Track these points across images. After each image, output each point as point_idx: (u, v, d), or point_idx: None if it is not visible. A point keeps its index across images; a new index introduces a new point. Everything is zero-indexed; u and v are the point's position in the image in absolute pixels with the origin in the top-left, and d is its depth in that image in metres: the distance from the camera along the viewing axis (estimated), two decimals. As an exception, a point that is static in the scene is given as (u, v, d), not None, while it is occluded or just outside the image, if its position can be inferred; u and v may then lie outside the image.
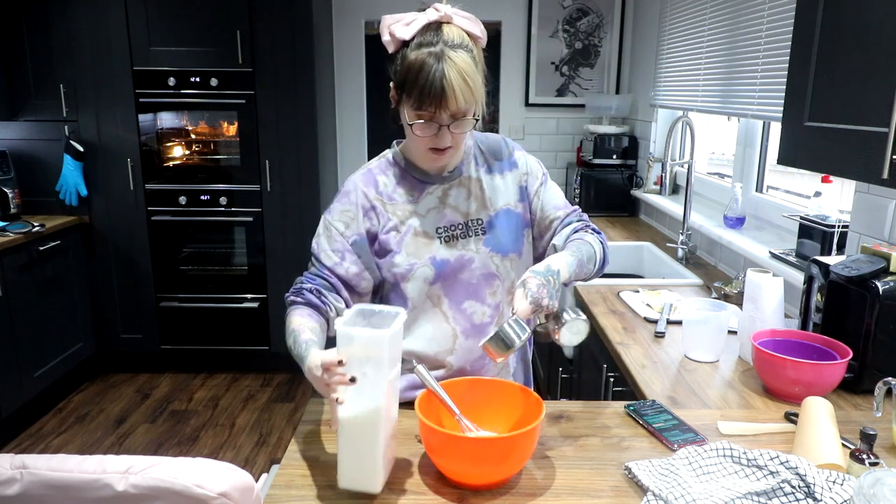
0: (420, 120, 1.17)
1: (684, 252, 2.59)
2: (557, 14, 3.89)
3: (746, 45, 2.35)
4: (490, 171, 1.35)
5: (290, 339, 1.15)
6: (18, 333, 2.98)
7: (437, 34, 1.14)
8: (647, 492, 1.01)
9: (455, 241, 1.29)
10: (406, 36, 1.15)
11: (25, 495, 0.84)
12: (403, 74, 1.15)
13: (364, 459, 1.01)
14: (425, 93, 1.12)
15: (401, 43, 1.17)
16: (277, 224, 3.47)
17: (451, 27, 1.16)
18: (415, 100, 1.15)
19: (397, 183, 1.31)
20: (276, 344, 3.63)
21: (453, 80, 1.12)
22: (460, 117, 1.17)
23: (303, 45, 3.27)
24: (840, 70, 1.24)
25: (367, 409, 0.98)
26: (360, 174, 1.33)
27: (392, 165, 1.33)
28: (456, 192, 1.31)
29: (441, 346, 1.32)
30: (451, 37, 1.14)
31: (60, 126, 3.34)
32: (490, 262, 1.31)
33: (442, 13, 1.15)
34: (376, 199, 1.29)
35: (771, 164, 2.55)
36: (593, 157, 3.66)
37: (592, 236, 1.34)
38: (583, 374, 2.27)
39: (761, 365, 1.39)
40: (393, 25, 1.16)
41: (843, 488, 0.96)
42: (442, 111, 1.15)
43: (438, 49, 1.12)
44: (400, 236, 1.28)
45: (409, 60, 1.14)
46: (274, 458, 2.88)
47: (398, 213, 1.29)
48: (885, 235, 1.59)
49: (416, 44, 1.14)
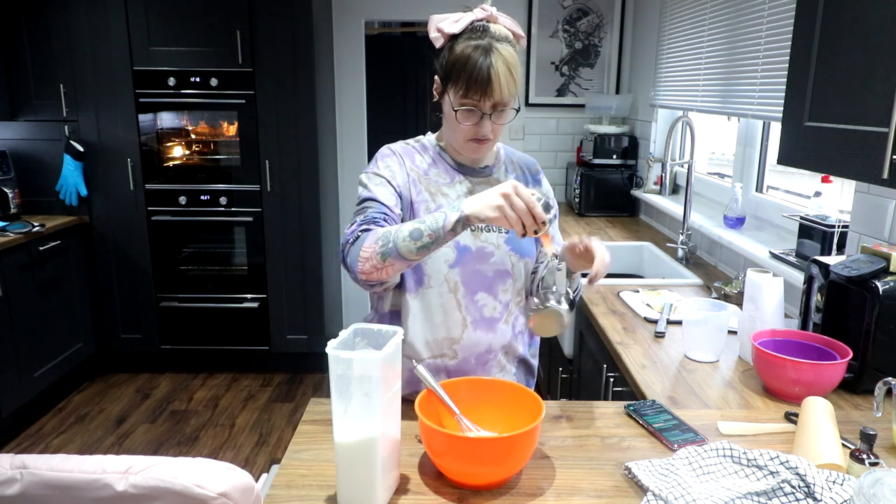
0: (465, 107, 1.24)
1: (684, 252, 2.59)
2: (557, 14, 3.89)
3: (746, 45, 2.35)
4: (518, 179, 1.40)
5: (400, 232, 1.13)
6: (18, 333, 2.98)
7: (484, 30, 1.23)
8: (647, 492, 1.01)
9: (479, 231, 1.33)
10: (455, 31, 1.24)
11: (25, 495, 0.84)
12: (451, 64, 1.23)
13: (363, 483, 0.98)
14: (472, 80, 1.20)
15: (449, 37, 1.25)
16: (277, 224, 3.47)
17: (497, 25, 1.25)
18: (462, 87, 1.22)
19: (431, 164, 1.36)
20: (276, 344, 3.63)
21: (500, 70, 1.20)
22: (501, 108, 1.25)
23: (303, 45, 3.27)
24: (840, 70, 1.24)
25: (363, 433, 0.96)
26: (399, 144, 1.38)
27: (428, 150, 1.38)
28: (483, 189, 1.32)
29: (450, 333, 1.33)
30: (498, 32, 1.24)
31: (60, 126, 3.34)
32: (508, 260, 1.35)
33: (488, 12, 1.25)
34: (412, 170, 1.33)
35: (771, 164, 2.55)
36: (593, 157, 3.66)
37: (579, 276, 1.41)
38: (583, 374, 2.27)
39: (761, 365, 1.39)
40: (441, 23, 1.25)
41: (843, 488, 0.96)
42: (486, 99, 1.22)
43: (486, 42, 1.22)
44: (428, 212, 1.30)
45: (458, 51, 1.23)
46: (274, 458, 2.88)
47: (431, 190, 1.33)
48: (885, 235, 1.59)
49: (467, 38, 1.23)
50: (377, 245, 1.15)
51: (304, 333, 3.61)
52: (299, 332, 3.61)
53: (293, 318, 3.59)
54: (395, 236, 1.14)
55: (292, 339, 3.62)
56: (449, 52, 1.24)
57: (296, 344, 3.63)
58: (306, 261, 3.49)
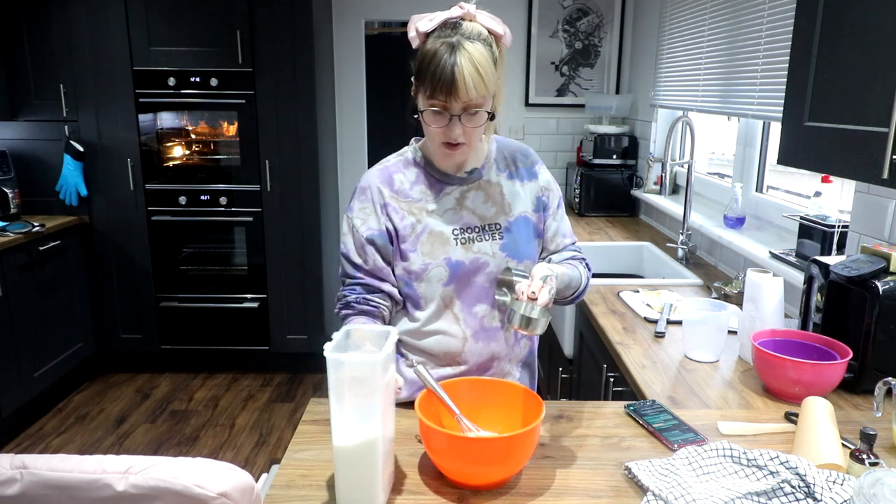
0: (432, 108, 1.18)
1: (684, 252, 2.59)
2: (557, 14, 3.89)
3: (746, 45, 2.35)
4: (511, 176, 1.36)
5: None
6: (18, 333, 2.98)
7: (455, 27, 1.17)
8: (647, 492, 1.01)
9: (471, 243, 1.30)
10: (428, 29, 1.18)
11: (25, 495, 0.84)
12: (419, 62, 1.18)
13: (363, 485, 0.97)
14: (436, 79, 1.14)
15: (423, 36, 1.20)
16: (277, 224, 3.47)
17: (471, 23, 1.18)
18: (428, 87, 1.16)
19: (415, 181, 1.32)
20: (276, 344, 3.63)
21: (465, 69, 1.13)
22: (472, 110, 1.18)
23: (303, 45, 3.27)
24: (840, 70, 1.24)
25: (363, 435, 0.95)
26: (377, 170, 1.34)
27: (411, 163, 1.33)
28: (474, 195, 1.32)
29: (451, 348, 1.32)
30: (469, 30, 1.17)
31: (60, 126, 3.34)
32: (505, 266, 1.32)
33: (465, 10, 1.18)
34: (391, 198, 1.30)
35: (771, 164, 2.55)
36: (593, 157, 3.66)
37: (584, 269, 1.40)
38: (583, 374, 2.27)
39: (761, 365, 1.39)
40: (418, 22, 1.20)
41: (843, 488, 0.96)
42: (453, 100, 1.16)
43: (454, 39, 1.15)
44: (415, 235, 1.28)
45: (426, 49, 1.17)
46: (274, 458, 2.88)
47: (414, 212, 1.30)
48: (885, 235, 1.59)
49: (435, 35, 1.17)
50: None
51: (304, 333, 3.61)
52: (299, 332, 3.61)
53: (293, 318, 3.59)
54: None
55: (292, 339, 3.62)
56: (420, 51, 1.19)
57: (296, 344, 3.63)
58: (306, 261, 3.49)
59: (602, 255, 2.91)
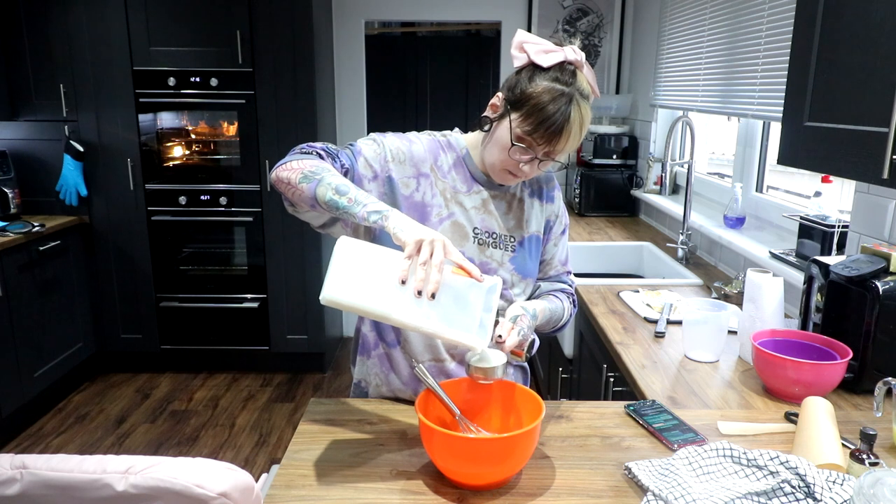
0: (522, 144, 1.19)
1: (684, 252, 2.59)
2: (557, 14, 3.89)
3: (746, 45, 2.35)
4: (532, 195, 1.37)
5: (333, 178, 1.12)
6: (18, 333, 2.98)
7: (573, 77, 1.17)
8: (647, 492, 1.01)
9: (485, 247, 1.30)
10: (543, 63, 1.17)
11: (25, 495, 0.84)
12: (528, 97, 1.17)
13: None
14: (545, 124, 1.15)
15: (532, 65, 1.19)
16: (277, 224, 3.47)
17: (582, 75, 1.19)
18: (531, 125, 1.17)
19: (453, 165, 1.32)
20: (276, 344, 3.63)
21: (573, 126, 1.16)
22: (553, 157, 1.21)
23: (303, 45, 3.27)
24: (840, 70, 1.24)
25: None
26: (427, 136, 1.33)
27: (453, 149, 1.33)
28: (498, 203, 1.33)
29: (447, 344, 1.32)
30: (583, 86, 1.18)
31: (60, 126, 3.34)
32: (510, 279, 1.32)
33: (577, 57, 1.19)
34: (431, 169, 1.29)
35: (771, 164, 2.55)
36: (593, 157, 3.66)
37: (569, 304, 1.41)
38: (583, 374, 2.27)
39: (761, 365, 1.39)
40: (529, 45, 1.19)
41: (843, 488, 0.96)
42: (547, 146, 1.18)
43: (571, 91, 1.16)
44: (439, 219, 1.28)
45: (543, 88, 1.16)
46: (274, 458, 2.88)
47: (447, 195, 1.29)
48: (885, 235, 1.59)
49: (553, 77, 1.17)
50: (309, 169, 1.14)
51: (304, 333, 3.61)
52: (299, 332, 3.61)
53: (293, 318, 3.59)
54: (327, 176, 1.12)
55: (292, 339, 3.62)
56: (528, 82, 1.18)
57: (296, 344, 3.63)
58: (306, 261, 3.49)
59: (602, 255, 2.91)
